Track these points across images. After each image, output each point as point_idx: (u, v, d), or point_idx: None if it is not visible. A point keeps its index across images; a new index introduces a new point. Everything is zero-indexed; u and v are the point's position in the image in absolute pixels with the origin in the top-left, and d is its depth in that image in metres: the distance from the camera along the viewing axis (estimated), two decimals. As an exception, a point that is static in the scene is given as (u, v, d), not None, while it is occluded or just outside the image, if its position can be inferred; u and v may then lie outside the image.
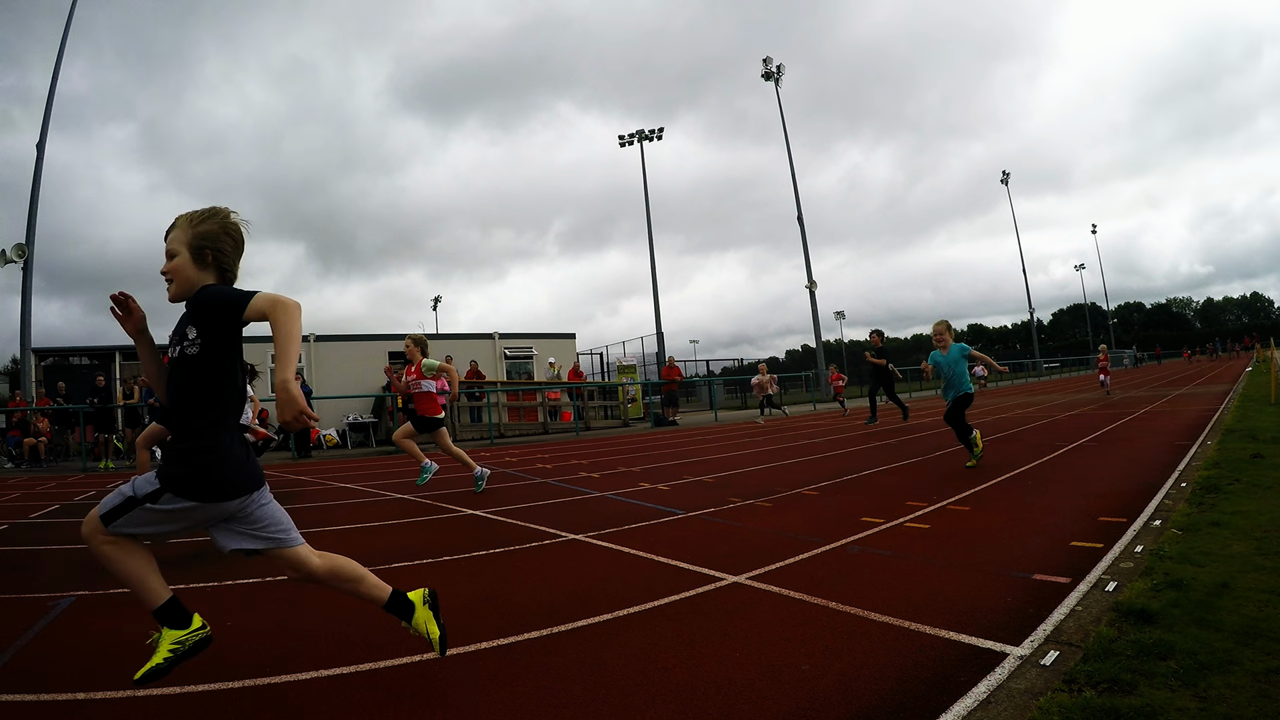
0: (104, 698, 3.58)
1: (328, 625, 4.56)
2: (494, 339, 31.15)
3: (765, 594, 4.62)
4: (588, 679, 3.43)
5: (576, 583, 5.20)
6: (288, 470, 16.53)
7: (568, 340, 33.05)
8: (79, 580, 6.22)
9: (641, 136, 47.53)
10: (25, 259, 25.85)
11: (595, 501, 8.92)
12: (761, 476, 10.27)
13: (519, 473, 12.92)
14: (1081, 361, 76.50)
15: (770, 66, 48.48)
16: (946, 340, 10.30)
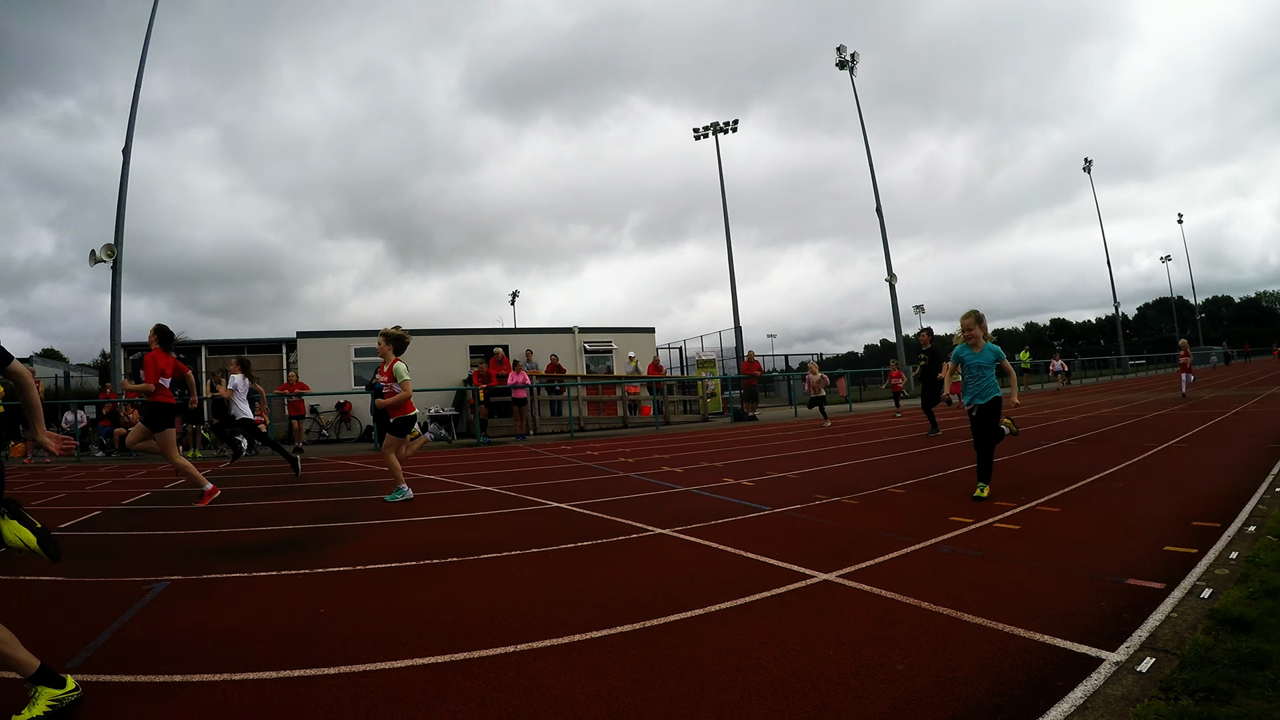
0: (200, 680, 3.68)
1: (421, 613, 4.65)
2: (574, 333, 31.20)
3: (856, 592, 4.62)
4: (683, 673, 3.45)
5: (666, 577, 5.23)
6: (370, 461, 16.72)
7: (647, 334, 32.93)
8: (172, 566, 6.39)
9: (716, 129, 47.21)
10: (114, 259, 26.47)
11: (680, 496, 8.93)
12: (845, 473, 10.23)
13: (601, 466, 12.91)
14: (1168, 359, 74.76)
15: (844, 55, 47.58)
16: (978, 336, 8.45)
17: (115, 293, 26.75)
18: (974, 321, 8.43)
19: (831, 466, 11.06)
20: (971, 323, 8.43)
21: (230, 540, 7.48)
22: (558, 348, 28.99)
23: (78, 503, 10.91)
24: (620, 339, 31.80)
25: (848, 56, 47.51)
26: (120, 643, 4.38)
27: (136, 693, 3.58)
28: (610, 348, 31.60)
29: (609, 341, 31.72)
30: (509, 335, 30.97)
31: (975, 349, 8.40)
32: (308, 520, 8.43)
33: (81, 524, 8.95)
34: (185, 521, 8.84)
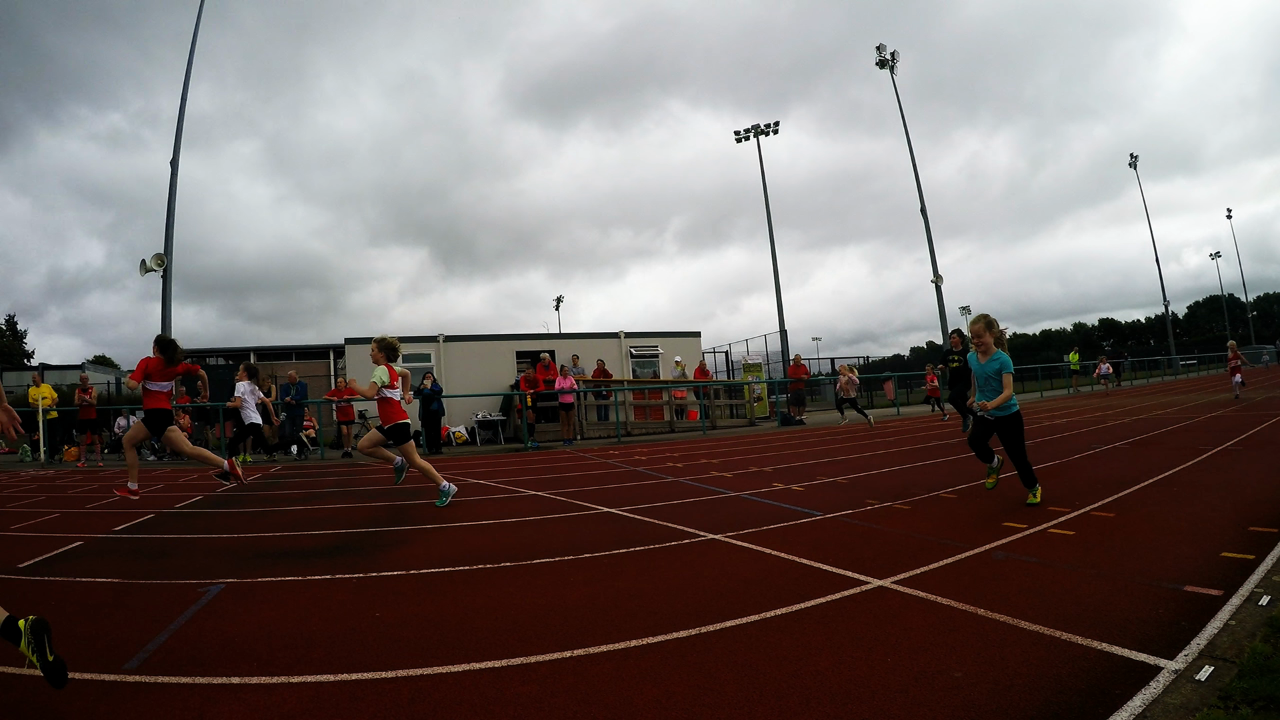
0: (258, 682, 3.74)
1: (476, 618, 4.68)
2: (620, 338, 31.23)
3: (912, 599, 4.61)
4: (740, 679, 3.45)
5: (720, 583, 5.23)
6: (421, 465, 16.80)
7: (693, 338, 32.86)
8: (227, 568, 6.48)
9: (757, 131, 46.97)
10: (164, 268, 26.85)
11: (730, 501, 8.92)
12: (896, 478, 10.19)
13: (650, 471, 12.91)
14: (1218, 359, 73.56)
15: (884, 53, 46.26)
16: (988, 343, 7.95)
17: (166, 301, 27.14)
18: (984, 327, 7.97)
19: (881, 471, 11.01)
20: (981, 329, 7.97)
21: (283, 544, 7.57)
22: (604, 353, 29.03)
23: (131, 506, 11.04)
24: (666, 343, 31.78)
25: (888, 55, 46.51)
26: (178, 644, 4.44)
27: (195, 693, 3.63)
28: (656, 352, 31.58)
29: (655, 346, 31.71)
30: (555, 340, 31.07)
31: (983, 357, 8.01)
32: (359, 524, 8.51)
33: (136, 526, 9.08)
34: (238, 525, 8.96)
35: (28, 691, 3.77)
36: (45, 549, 7.71)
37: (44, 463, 20.15)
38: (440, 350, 28.13)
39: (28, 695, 3.72)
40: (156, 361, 10.73)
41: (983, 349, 7.96)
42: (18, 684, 3.90)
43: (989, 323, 7.98)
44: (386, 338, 10.19)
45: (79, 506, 11.18)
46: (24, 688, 3.82)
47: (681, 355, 30.09)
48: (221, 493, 12.61)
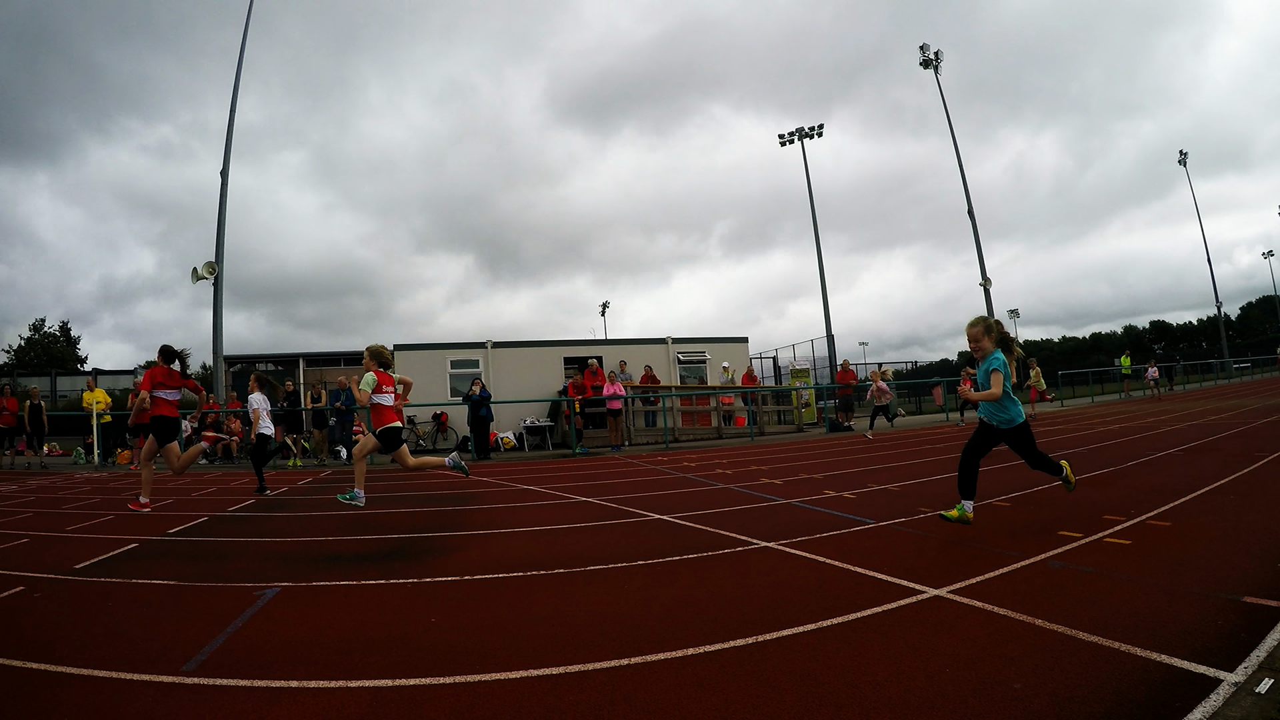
0: (316, 686, 3.77)
1: (531, 624, 4.70)
2: (667, 343, 31.18)
3: (968, 608, 4.58)
4: (799, 689, 3.45)
5: (776, 591, 5.22)
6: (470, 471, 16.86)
7: (740, 344, 32.75)
8: (282, 572, 6.56)
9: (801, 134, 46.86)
10: (216, 275, 27.29)
11: (782, 508, 8.90)
12: (948, 485, 10.06)
13: (700, 478, 12.90)
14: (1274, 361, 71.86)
15: (928, 53, 46.34)
16: (985, 349, 7.34)
17: (217, 308, 27.61)
18: (981, 331, 7.35)
19: (933, 479, 10.95)
20: (978, 333, 7.35)
21: (337, 548, 7.64)
22: (651, 358, 29.01)
23: (185, 508, 11.21)
24: (714, 349, 31.69)
25: (931, 55, 46.15)
26: (235, 646, 4.50)
27: (254, 696, 3.67)
28: (704, 358, 31.50)
29: (702, 352, 31.63)
30: (603, 346, 31.10)
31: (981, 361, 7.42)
32: (411, 529, 8.58)
33: (190, 529, 9.21)
34: (291, 528, 9.05)
35: (86, 692, 3.82)
36: (101, 550, 7.84)
37: (98, 465, 20.46)
38: (488, 356, 28.28)
39: (86, 696, 3.77)
40: (163, 370, 11.12)
41: (981, 353, 7.39)
42: (75, 683, 3.96)
43: (987, 326, 7.40)
44: (376, 346, 10.40)
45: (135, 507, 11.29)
46: (81, 688, 3.88)
47: (729, 361, 30.01)
48: (273, 496, 12.72)
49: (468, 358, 28.24)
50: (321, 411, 22.36)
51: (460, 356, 28.24)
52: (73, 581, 6.51)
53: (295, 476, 17.40)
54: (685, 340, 31.80)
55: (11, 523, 10.25)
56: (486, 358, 28.30)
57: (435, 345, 28.90)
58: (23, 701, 3.73)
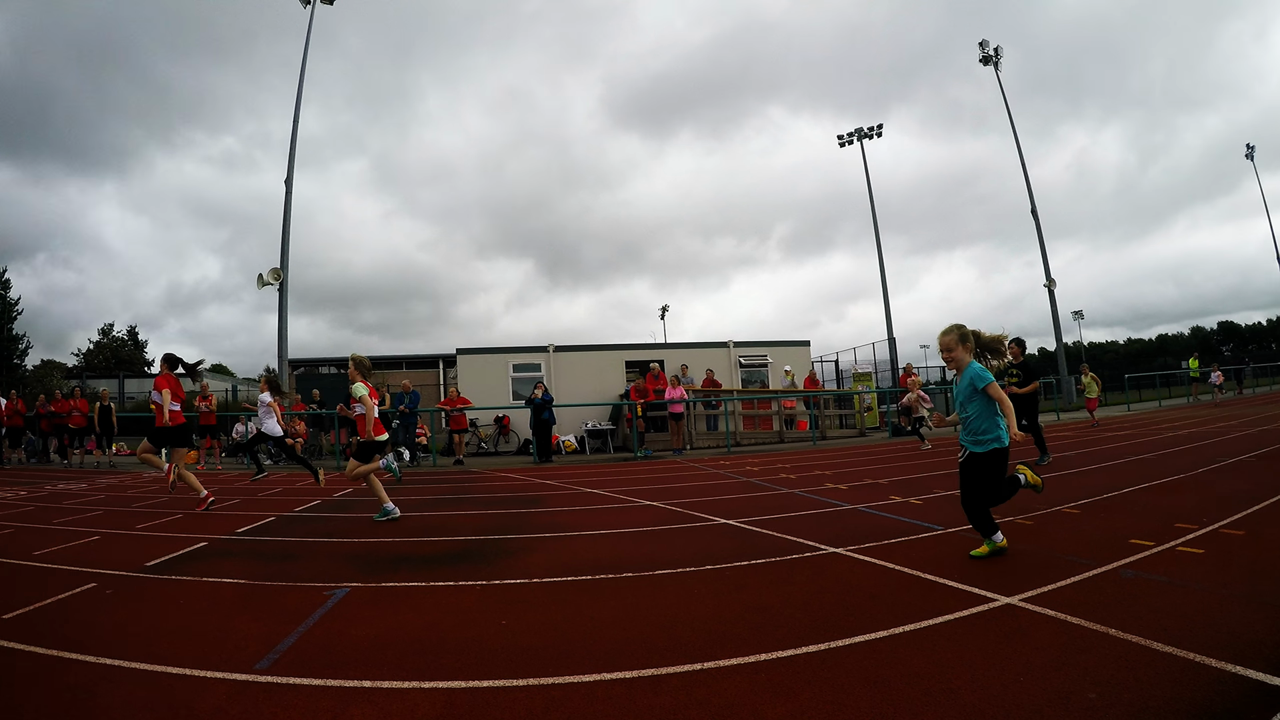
0: (389, 686, 3.82)
1: (603, 628, 4.72)
2: (729, 347, 31.09)
3: (1041, 617, 4.52)
4: (873, 695, 3.42)
5: (846, 597, 5.19)
6: (531, 474, 16.92)
7: (802, 347, 32.56)
8: (351, 572, 6.65)
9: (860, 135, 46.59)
10: (281, 281, 27.70)
11: (848, 514, 8.82)
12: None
13: (764, 482, 12.81)
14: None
15: (988, 49, 45.75)
16: (960, 358, 6.57)
17: (282, 313, 28.13)
18: (955, 339, 6.58)
19: (1000, 485, 10.75)
20: (951, 340, 6.60)
21: (405, 550, 7.69)
22: (713, 362, 28.94)
23: (252, 508, 11.33)
24: (775, 352, 31.54)
25: (991, 51, 45.56)
26: (307, 645, 4.56)
27: (327, 695, 3.73)
28: (765, 361, 31.37)
29: (764, 355, 31.51)
30: (664, 350, 31.08)
31: (958, 376, 6.67)
32: (479, 532, 8.62)
33: (258, 529, 9.32)
34: (359, 529, 9.11)
35: (159, 689, 3.86)
36: (171, 549, 7.94)
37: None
38: (550, 360, 28.41)
39: (160, 692, 3.83)
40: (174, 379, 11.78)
41: (956, 366, 6.64)
42: (148, 680, 3.99)
43: (962, 335, 6.59)
44: (362, 357, 10.73)
45: (201, 508, 11.40)
46: (155, 684, 3.90)
47: (791, 364, 29.83)
48: (339, 497, 12.80)
49: (530, 361, 28.39)
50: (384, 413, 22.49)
51: (523, 360, 28.39)
52: (143, 579, 6.60)
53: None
54: (747, 344, 31.69)
55: (82, 520, 10.40)
56: (549, 362, 28.42)
57: (498, 349, 29.06)
58: (97, 697, 3.79)
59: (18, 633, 4.99)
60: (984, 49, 45.64)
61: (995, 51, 45.47)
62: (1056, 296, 41.77)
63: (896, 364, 38.12)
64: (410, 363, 35.30)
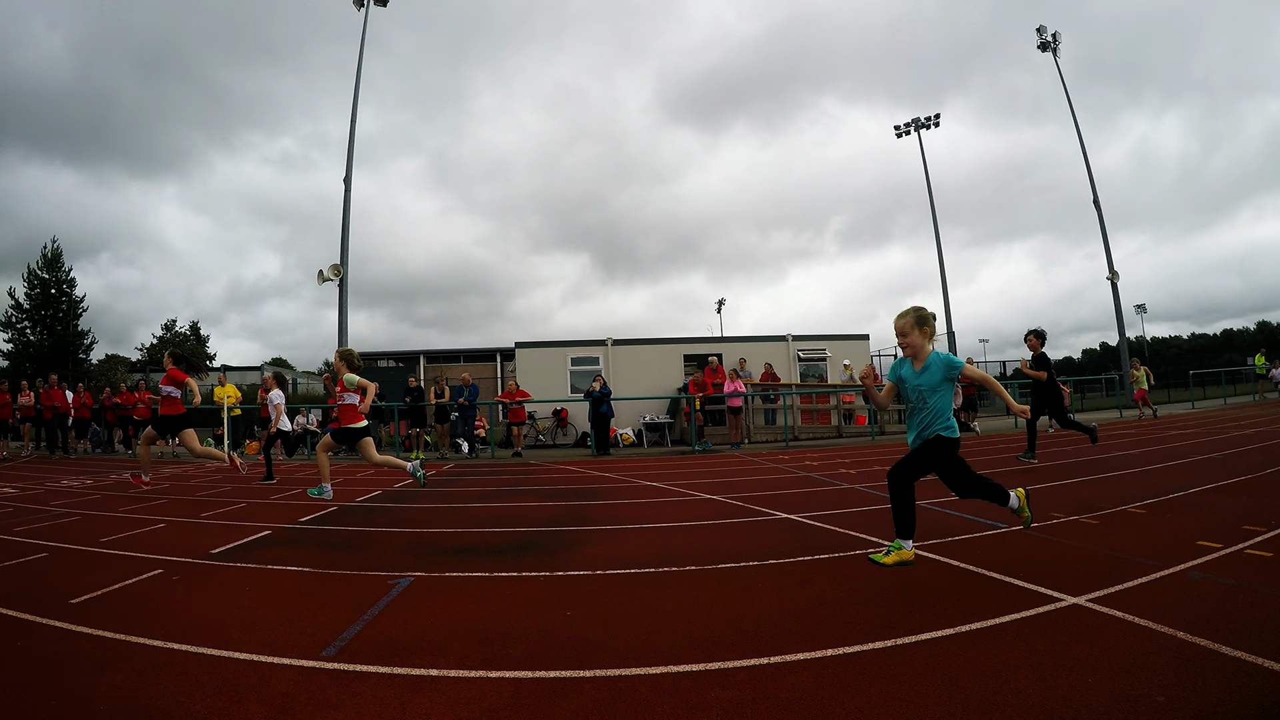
0: (456, 676, 3.84)
1: (668, 621, 4.73)
2: (787, 340, 30.93)
3: (1108, 618, 4.47)
4: (940, 693, 3.41)
5: (911, 594, 5.16)
6: (590, 467, 16.96)
7: (861, 341, 32.28)
8: (413, 562, 6.72)
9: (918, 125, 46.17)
10: (341, 277, 28.07)
11: (910, 510, 8.65)
12: (1079, 490, 9.82)
13: (823, 477, 12.81)
14: None
15: (1045, 35, 44.53)
16: (918, 345, 6.01)
17: (342, 308, 28.51)
18: (911, 324, 6.00)
19: (1063, 483, 10.60)
20: (908, 325, 6.01)
21: (467, 540, 7.75)
22: (771, 356, 28.84)
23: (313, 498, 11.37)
24: (834, 346, 31.32)
25: (1049, 37, 44.48)
26: (373, 634, 4.61)
27: (395, 684, 3.76)
28: (824, 355, 31.16)
29: (823, 349, 31.29)
30: (722, 344, 30.98)
31: (917, 364, 6.05)
32: (539, 523, 8.68)
33: (320, 518, 9.43)
34: (420, 520, 9.21)
35: (227, 674, 3.92)
36: (235, 536, 8.07)
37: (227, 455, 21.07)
38: (608, 354, 28.46)
39: (228, 677, 3.89)
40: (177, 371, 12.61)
41: (914, 352, 6.06)
42: (216, 665, 4.04)
43: (919, 317, 6.03)
44: (348, 350, 11.55)
45: (264, 497, 11.62)
46: (222, 670, 3.94)
47: (850, 358, 29.63)
48: (399, 488, 12.91)
49: (588, 355, 28.48)
50: (443, 406, 22.67)
51: (581, 354, 28.49)
52: (209, 566, 6.70)
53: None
54: (805, 337, 31.49)
55: (148, 509, 10.58)
56: (607, 355, 28.50)
57: (556, 343, 29.17)
58: (165, 681, 3.86)
59: (86, 616, 5.10)
60: (1041, 35, 44.55)
61: (1053, 37, 44.38)
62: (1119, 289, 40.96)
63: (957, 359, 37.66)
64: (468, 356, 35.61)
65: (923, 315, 6.01)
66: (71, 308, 56.99)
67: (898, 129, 46.95)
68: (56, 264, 57.39)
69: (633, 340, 29.67)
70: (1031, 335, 14.56)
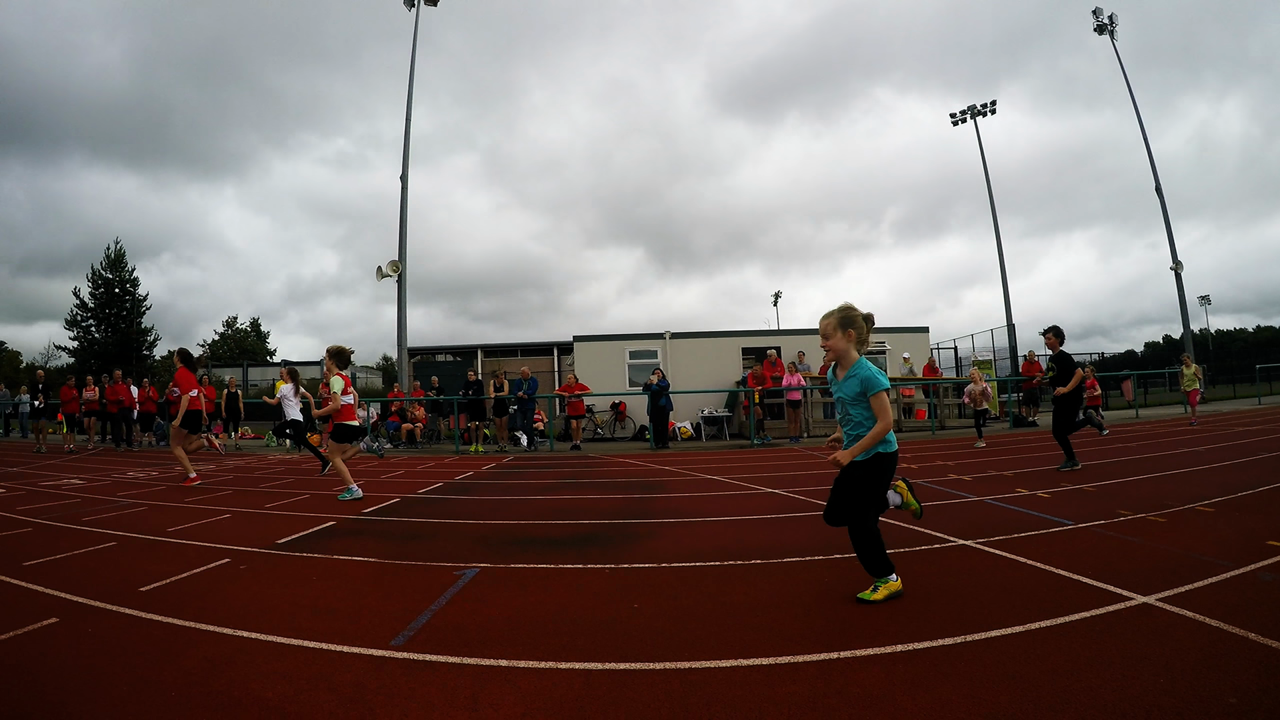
0: (527, 666, 3.87)
1: (735, 614, 4.74)
2: (847, 334, 30.54)
3: (1178, 618, 4.41)
4: (1012, 691, 3.39)
5: (979, 591, 5.13)
6: (649, 460, 16.96)
7: (920, 334, 31.84)
8: (479, 553, 6.76)
9: (974, 112, 45.20)
10: (400, 274, 28.35)
11: (974, 506, 8.68)
12: (1146, 487, 9.69)
13: (884, 471, 12.52)
14: None
15: (1101, 17, 42.92)
16: (840, 349, 5.19)
17: (401, 304, 28.85)
18: (834, 325, 5.18)
19: (1129, 480, 10.45)
20: (830, 325, 5.20)
21: (530, 532, 7.82)
22: (831, 349, 28.47)
23: (376, 490, 11.58)
24: (893, 339, 31.00)
25: (1106, 19, 42.93)
26: (441, 624, 4.67)
27: (464, 673, 3.81)
28: (883, 348, 30.85)
29: (881, 342, 30.95)
30: (780, 336, 30.84)
31: (840, 370, 5.27)
32: (602, 516, 8.72)
33: (384, 510, 9.53)
34: (482, 511, 9.28)
35: (299, 661, 3.97)
36: (300, 527, 8.18)
37: (289, 449, 21.36)
38: (666, 347, 28.43)
39: (299, 665, 3.95)
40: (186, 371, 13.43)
41: (835, 357, 5.29)
42: (291, 653, 4.05)
43: (844, 318, 5.20)
44: (337, 347, 11.43)
45: (326, 489, 11.66)
46: (294, 657, 3.98)
47: (909, 351, 29.35)
48: (460, 480, 12.99)
49: (646, 348, 28.44)
50: (502, 400, 22.77)
51: (639, 347, 28.49)
52: (275, 556, 6.80)
53: (479, 462, 17.77)
54: (865, 330, 31.08)
55: (213, 499, 10.74)
56: (665, 348, 28.44)
57: (614, 336, 29.19)
58: (236, 668, 3.92)
59: (155, 604, 5.20)
60: (1098, 17, 43.48)
61: (1110, 19, 43.31)
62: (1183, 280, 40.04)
63: (1016, 351, 37.25)
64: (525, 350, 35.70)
65: (849, 316, 5.21)
66: (135, 306, 58.81)
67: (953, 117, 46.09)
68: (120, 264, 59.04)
69: (691, 333, 29.61)
70: (1050, 333, 13.38)
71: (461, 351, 37.29)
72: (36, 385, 24.01)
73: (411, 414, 24.67)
